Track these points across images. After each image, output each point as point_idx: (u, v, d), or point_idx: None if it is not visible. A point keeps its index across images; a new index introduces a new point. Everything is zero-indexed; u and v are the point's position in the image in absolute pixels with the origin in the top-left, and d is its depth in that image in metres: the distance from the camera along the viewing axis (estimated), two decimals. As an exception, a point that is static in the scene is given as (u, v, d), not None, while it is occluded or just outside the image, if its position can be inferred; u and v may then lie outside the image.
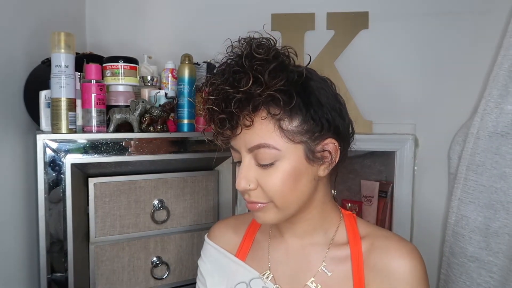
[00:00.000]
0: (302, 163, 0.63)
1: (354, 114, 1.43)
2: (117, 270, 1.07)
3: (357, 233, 0.71)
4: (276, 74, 0.59)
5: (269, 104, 0.60)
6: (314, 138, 0.63)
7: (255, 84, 0.58)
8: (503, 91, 1.19)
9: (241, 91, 0.59)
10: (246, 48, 0.62)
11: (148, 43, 1.49)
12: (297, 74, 0.62)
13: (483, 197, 1.22)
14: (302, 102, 0.61)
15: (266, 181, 0.63)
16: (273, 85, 0.58)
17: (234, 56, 0.64)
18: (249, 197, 0.65)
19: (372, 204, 1.48)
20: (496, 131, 1.19)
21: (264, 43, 0.63)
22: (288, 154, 0.62)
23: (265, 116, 0.60)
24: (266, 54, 0.60)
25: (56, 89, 0.96)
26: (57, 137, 0.96)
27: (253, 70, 0.59)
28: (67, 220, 0.97)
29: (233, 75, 0.61)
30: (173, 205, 1.12)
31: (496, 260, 1.20)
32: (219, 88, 0.61)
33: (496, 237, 1.20)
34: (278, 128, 0.61)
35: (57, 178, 0.95)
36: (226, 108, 0.60)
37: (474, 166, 1.24)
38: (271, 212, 0.65)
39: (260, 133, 0.61)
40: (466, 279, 1.25)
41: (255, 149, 0.62)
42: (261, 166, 0.62)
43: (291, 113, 0.61)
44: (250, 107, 0.59)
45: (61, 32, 0.96)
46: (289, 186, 0.62)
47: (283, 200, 0.63)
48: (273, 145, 0.61)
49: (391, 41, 1.42)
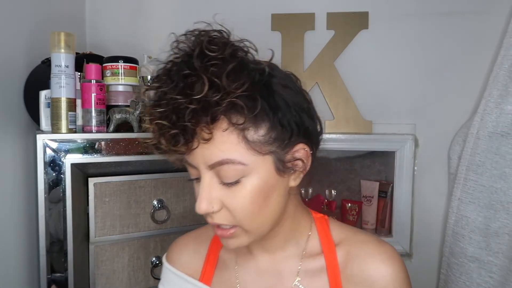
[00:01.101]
0: (272, 176, 0.54)
1: (354, 114, 1.43)
2: (117, 270, 1.07)
3: (331, 240, 0.63)
4: (236, 76, 0.49)
5: (230, 112, 0.50)
6: (283, 146, 0.54)
7: (211, 90, 0.48)
8: (503, 91, 1.19)
9: (195, 99, 0.48)
10: (196, 45, 0.51)
11: (148, 43, 1.49)
12: (259, 72, 0.53)
13: (483, 197, 1.22)
14: (267, 106, 0.52)
15: (232, 201, 0.54)
16: (233, 90, 0.48)
17: (181, 54, 0.53)
18: (212, 219, 0.56)
19: (372, 204, 1.48)
20: (496, 131, 1.19)
21: (216, 38, 0.52)
22: (256, 168, 0.53)
23: (227, 127, 0.50)
24: (221, 51, 0.50)
25: (56, 89, 0.96)
26: (57, 137, 0.96)
27: (208, 72, 0.49)
28: (67, 220, 0.97)
29: (183, 80, 0.50)
30: (173, 205, 1.12)
31: (496, 260, 1.20)
32: (167, 98, 0.50)
33: (496, 237, 1.19)
34: (243, 140, 0.51)
35: (57, 178, 0.96)
36: (178, 121, 0.49)
37: (474, 166, 1.24)
38: (240, 238, 0.57)
39: (222, 147, 0.51)
40: (466, 279, 1.25)
41: (217, 165, 0.52)
42: (225, 184, 0.53)
43: (256, 121, 0.51)
44: (208, 118, 0.49)
45: (61, 32, 0.96)
46: (259, 205, 0.54)
47: (253, 222, 0.55)
48: (239, 159, 0.51)
49: (391, 41, 1.42)
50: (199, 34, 0.53)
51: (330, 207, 1.49)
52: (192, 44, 0.52)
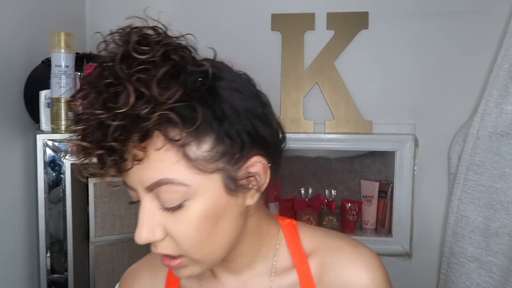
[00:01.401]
0: (221, 197, 0.46)
1: (354, 114, 1.43)
2: (116, 270, 1.07)
3: (302, 250, 0.57)
4: (169, 82, 0.41)
5: (165, 126, 0.42)
6: (234, 161, 0.46)
7: (139, 101, 0.40)
8: (503, 91, 1.19)
9: (120, 114, 0.40)
10: (121, 47, 0.43)
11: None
12: (200, 75, 0.44)
13: (483, 197, 1.22)
14: (211, 115, 0.44)
15: (175, 229, 0.46)
16: (166, 100, 0.40)
17: (108, 58, 0.43)
18: (155, 248, 0.49)
19: (372, 204, 1.48)
20: (496, 131, 1.19)
21: (147, 36, 0.44)
22: (201, 189, 0.45)
23: (163, 143, 0.42)
24: (152, 53, 0.42)
25: (56, 89, 0.96)
26: (57, 137, 0.96)
27: (135, 80, 0.40)
28: (67, 220, 0.97)
29: (106, 90, 0.41)
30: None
31: (496, 260, 1.20)
32: (88, 113, 0.42)
33: (496, 237, 1.19)
34: (183, 157, 0.43)
35: (57, 178, 0.96)
36: (103, 140, 0.41)
37: (474, 166, 1.24)
38: (191, 267, 0.50)
39: (159, 166, 0.44)
40: (466, 279, 1.25)
41: (155, 187, 0.44)
42: (167, 209, 0.46)
43: (198, 134, 0.43)
44: (139, 135, 0.41)
45: (61, 32, 0.96)
46: (207, 232, 0.46)
47: (202, 251, 0.48)
48: (179, 180, 0.44)
49: (391, 41, 1.42)
50: (128, 32, 0.44)
51: (330, 207, 1.49)
52: (121, 44, 0.44)
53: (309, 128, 1.45)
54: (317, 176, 1.56)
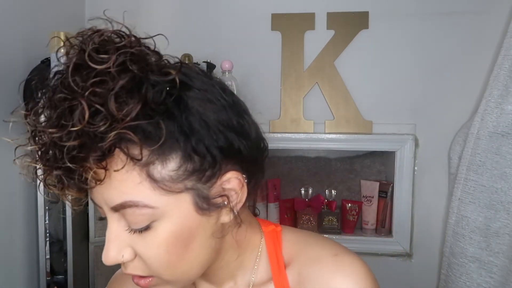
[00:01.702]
0: (192, 218, 0.43)
1: (354, 114, 1.43)
2: (116, 270, 1.06)
3: (281, 259, 0.53)
4: (128, 96, 0.37)
5: (126, 144, 0.38)
6: (205, 179, 0.42)
7: (95, 117, 0.36)
8: (503, 91, 1.19)
9: (74, 132, 0.36)
10: (78, 54, 0.38)
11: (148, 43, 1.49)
12: (166, 85, 0.40)
13: (484, 197, 1.22)
14: (178, 130, 0.40)
15: (144, 251, 0.43)
16: (124, 117, 0.36)
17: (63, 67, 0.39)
18: (125, 269, 0.45)
19: (372, 204, 1.48)
20: (497, 131, 1.19)
21: (107, 41, 0.39)
22: (169, 210, 0.42)
23: (123, 163, 0.39)
24: (110, 62, 0.37)
25: (56, 89, 0.96)
26: (57, 137, 0.96)
27: (89, 94, 0.36)
28: (67, 220, 0.97)
29: (60, 106, 0.37)
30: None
31: (496, 260, 1.20)
32: (40, 131, 0.39)
33: (496, 237, 1.19)
34: (147, 177, 0.40)
35: (56, 178, 0.96)
36: (59, 161, 0.38)
37: (475, 166, 1.24)
38: (163, 286, 0.47)
39: (122, 188, 0.40)
40: (466, 280, 1.25)
41: (120, 208, 0.41)
42: (133, 230, 0.43)
43: (163, 152, 0.40)
44: (97, 154, 0.37)
45: (61, 32, 0.96)
46: (177, 254, 0.43)
47: (174, 273, 0.45)
48: (144, 202, 0.41)
49: (391, 41, 1.42)
50: (88, 37, 0.39)
51: (330, 207, 1.49)
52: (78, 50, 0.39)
53: (309, 128, 1.45)
54: (317, 176, 1.56)
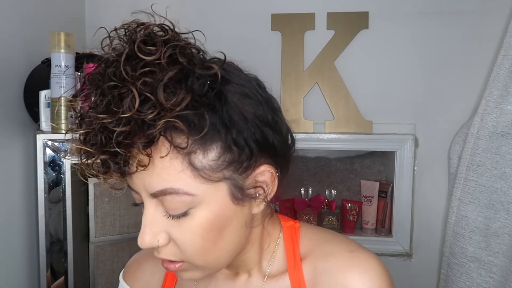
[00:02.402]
0: (227, 207, 0.45)
1: (354, 114, 1.43)
2: (116, 270, 1.07)
3: (297, 254, 0.55)
4: (176, 87, 0.40)
5: (171, 133, 0.41)
6: (241, 170, 0.45)
7: (144, 106, 0.39)
8: (503, 91, 1.19)
9: (125, 119, 0.39)
10: (128, 45, 0.41)
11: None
12: (209, 80, 0.42)
13: (483, 197, 1.22)
14: (219, 123, 0.42)
15: (180, 236, 0.45)
16: (172, 107, 0.39)
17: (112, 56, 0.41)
18: (158, 253, 0.47)
19: (372, 204, 1.48)
20: (496, 131, 1.19)
21: (154, 34, 0.41)
22: (207, 198, 0.44)
23: (167, 151, 0.41)
24: (159, 54, 0.40)
25: (56, 89, 0.96)
26: (57, 137, 0.96)
27: (140, 84, 0.38)
28: (67, 220, 0.97)
29: (109, 93, 0.40)
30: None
31: (496, 260, 1.20)
32: (90, 116, 0.41)
33: (496, 237, 1.19)
34: (188, 166, 0.42)
35: (57, 178, 0.96)
36: (106, 145, 0.40)
37: (474, 166, 1.24)
38: (191, 272, 0.49)
39: (164, 175, 0.42)
40: (466, 279, 1.25)
41: (159, 195, 0.43)
42: (171, 216, 0.45)
43: (204, 142, 0.42)
44: (144, 141, 0.40)
45: (61, 32, 0.96)
46: (211, 240, 0.45)
47: (206, 259, 0.47)
48: (184, 189, 0.43)
49: (391, 41, 1.42)
50: (134, 30, 0.41)
51: (330, 207, 1.49)
52: (126, 42, 0.41)
53: (309, 128, 1.45)
54: (317, 176, 1.56)
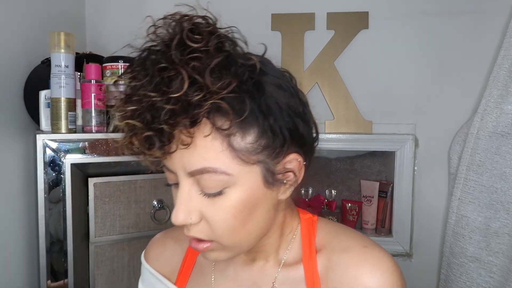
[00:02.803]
0: (259, 189, 0.48)
1: (354, 114, 1.43)
2: (117, 270, 1.07)
3: (313, 245, 0.57)
4: (221, 73, 0.43)
5: (214, 115, 0.44)
6: (274, 155, 0.48)
7: (192, 88, 0.42)
8: (503, 91, 1.19)
9: (174, 98, 0.42)
10: (176, 33, 0.44)
11: (148, 43, 1.49)
12: (249, 69, 0.46)
13: (483, 197, 1.22)
14: (257, 109, 0.46)
15: (212, 214, 0.48)
16: (218, 90, 0.42)
17: (159, 42, 0.45)
18: (188, 231, 0.50)
19: (372, 204, 1.48)
20: (496, 131, 1.19)
21: (200, 25, 0.45)
22: (242, 179, 0.47)
23: (210, 131, 0.44)
24: (205, 42, 0.43)
25: (56, 89, 0.96)
26: (57, 137, 0.96)
27: (189, 67, 0.42)
28: (67, 220, 0.97)
29: (159, 74, 0.43)
30: (173, 205, 1.12)
31: (496, 260, 1.20)
32: (140, 94, 0.43)
33: (496, 237, 1.19)
34: (228, 147, 0.45)
35: (57, 178, 0.96)
36: (153, 122, 0.43)
37: (474, 166, 1.24)
38: (218, 252, 0.52)
39: (204, 154, 0.45)
40: (466, 279, 1.25)
41: (197, 173, 0.46)
42: (206, 194, 0.47)
43: (244, 126, 0.45)
44: (188, 121, 0.43)
45: (60, 32, 0.96)
46: (242, 220, 0.48)
47: (234, 238, 0.49)
48: (222, 169, 0.45)
49: (391, 41, 1.42)
50: (180, 19, 0.45)
51: (330, 207, 1.49)
52: (172, 30, 0.45)
53: (309, 128, 1.45)
54: (317, 176, 1.56)
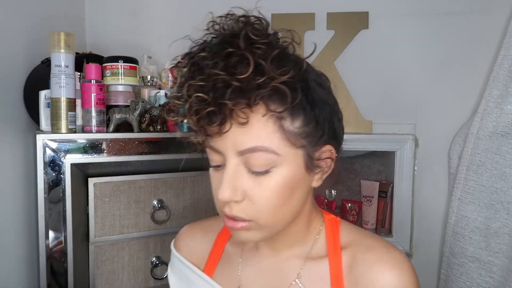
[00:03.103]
0: (300, 171, 0.53)
1: (354, 114, 1.43)
2: (116, 270, 1.07)
3: (338, 242, 0.61)
4: (279, 63, 0.49)
5: (270, 98, 0.49)
6: (314, 143, 0.53)
7: (255, 72, 0.47)
8: (503, 91, 1.19)
9: (239, 79, 0.47)
10: (241, 27, 0.51)
11: (148, 43, 1.49)
12: (299, 64, 0.53)
13: (483, 197, 1.22)
14: (305, 99, 0.51)
15: (256, 192, 0.52)
16: (277, 76, 0.47)
17: (223, 33, 0.52)
18: (230, 210, 0.53)
19: (372, 204, 1.48)
20: (496, 131, 1.19)
21: (258, 23, 0.52)
22: (288, 160, 0.51)
23: (265, 112, 0.49)
24: (266, 36, 0.50)
25: (56, 89, 0.96)
26: (56, 137, 0.95)
27: (254, 54, 0.48)
28: (66, 220, 0.97)
29: (225, 58, 0.48)
30: (173, 205, 1.12)
31: (496, 260, 1.20)
32: (208, 72, 0.48)
33: (496, 237, 1.19)
34: (279, 129, 0.50)
35: (57, 178, 0.95)
36: (217, 98, 0.47)
37: (474, 166, 1.24)
38: (252, 232, 0.55)
39: (258, 133, 0.50)
40: (466, 279, 1.25)
41: (248, 152, 0.50)
42: (253, 173, 0.51)
43: (293, 112, 0.51)
44: (248, 101, 0.47)
45: (60, 32, 0.96)
46: (283, 199, 0.52)
47: (272, 217, 0.53)
48: (273, 148, 0.50)
49: (391, 41, 1.42)
50: (240, 17, 0.53)
51: (330, 207, 1.49)
52: (232, 26, 0.52)
53: (309, 128, 1.45)
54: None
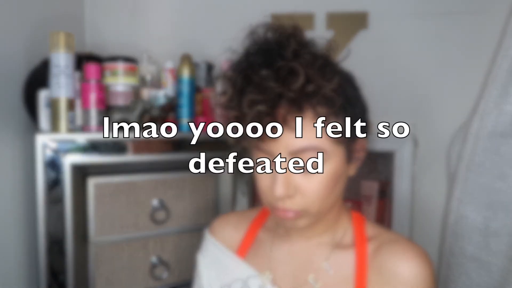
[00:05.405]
0: (342, 164, 0.61)
1: (354, 114, 1.43)
2: (116, 270, 1.07)
3: (364, 234, 0.68)
4: (325, 71, 0.56)
5: (318, 103, 0.56)
6: (352, 138, 0.62)
7: (305, 82, 0.54)
8: (502, 91, 1.19)
9: (292, 90, 0.53)
10: (285, 38, 0.57)
11: (148, 43, 1.49)
12: (339, 70, 0.62)
13: (483, 197, 1.22)
14: (346, 101, 0.59)
15: (307, 186, 0.59)
16: (325, 84, 0.54)
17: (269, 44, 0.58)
18: (284, 204, 0.60)
19: (371, 204, 1.48)
20: (496, 131, 1.19)
21: (299, 34, 0.59)
22: (333, 155, 0.59)
23: (314, 116, 0.57)
24: (309, 47, 0.58)
25: (55, 89, 0.96)
26: (56, 137, 0.95)
27: (302, 65, 0.54)
28: (66, 220, 0.97)
29: (277, 71, 0.54)
30: (172, 205, 1.12)
31: (495, 260, 1.20)
32: (262, 85, 0.54)
33: (495, 237, 1.19)
34: (325, 129, 0.58)
35: (56, 178, 0.95)
36: (272, 108, 0.54)
37: (474, 166, 1.24)
38: (303, 219, 0.62)
39: (308, 135, 0.57)
40: (466, 279, 1.25)
41: (299, 152, 0.58)
42: (303, 169, 0.59)
43: (337, 113, 0.58)
44: (300, 108, 0.55)
45: (60, 32, 0.96)
46: (329, 190, 0.60)
47: (320, 206, 0.61)
48: (321, 147, 0.58)
49: (390, 41, 1.42)
50: (294, 29, 0.58)
51: (330, 207, 1.48)
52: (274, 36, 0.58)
53: (309, 128, 1.45)
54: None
